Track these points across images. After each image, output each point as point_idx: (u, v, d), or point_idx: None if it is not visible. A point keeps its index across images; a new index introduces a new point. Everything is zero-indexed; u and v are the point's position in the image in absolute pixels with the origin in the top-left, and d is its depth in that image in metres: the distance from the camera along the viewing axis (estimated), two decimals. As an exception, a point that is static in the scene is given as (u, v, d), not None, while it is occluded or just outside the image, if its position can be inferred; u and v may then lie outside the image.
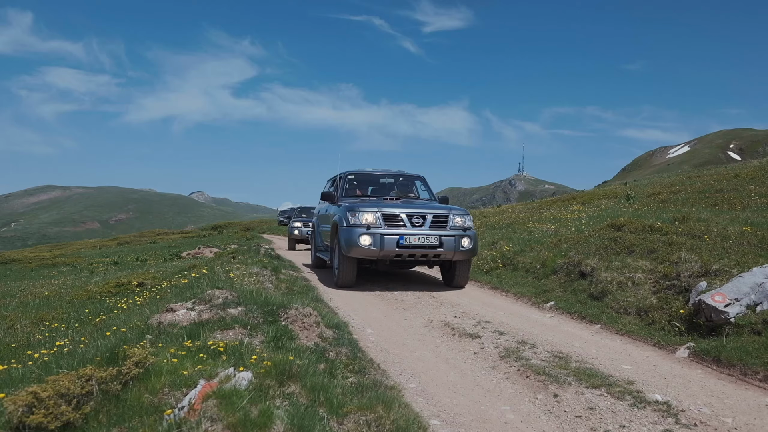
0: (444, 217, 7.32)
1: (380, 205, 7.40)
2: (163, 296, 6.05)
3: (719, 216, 8.63)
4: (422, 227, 7.13)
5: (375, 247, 6.90)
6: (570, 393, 3.34)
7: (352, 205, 7.46)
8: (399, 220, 7.12)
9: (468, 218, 7.50)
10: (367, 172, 9.50)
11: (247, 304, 3.85)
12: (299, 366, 2.72)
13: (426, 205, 7.89)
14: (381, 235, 6.92)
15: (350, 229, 7.05)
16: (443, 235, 7.11)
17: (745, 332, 4.24)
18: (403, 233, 7.02)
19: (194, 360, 2.75)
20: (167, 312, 3.77)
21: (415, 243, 7.01)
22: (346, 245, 7.05)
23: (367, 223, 7.01)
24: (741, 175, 14.96)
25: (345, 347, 3.75)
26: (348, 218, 7.14)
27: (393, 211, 7.19)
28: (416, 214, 7.21)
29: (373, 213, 7.11)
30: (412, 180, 9.56)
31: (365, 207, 7.27)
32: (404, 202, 7.93)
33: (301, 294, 6.09)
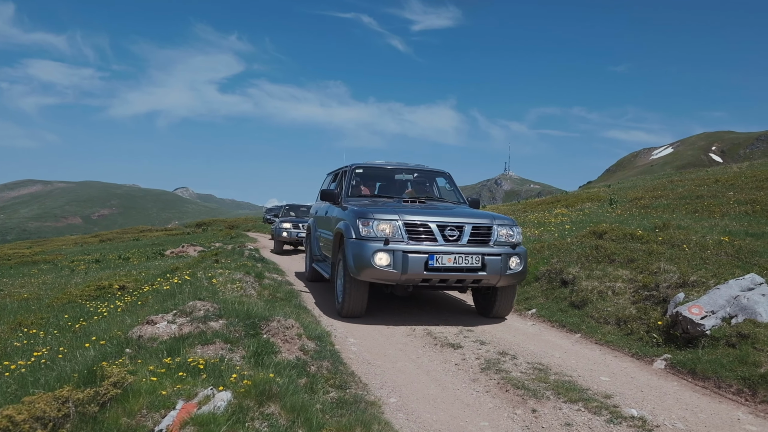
0: (486, 229, 5.61)
1: (401, 210, 5.60)
2: (144, 302, 6.00)
3: (699, 223, 8.78)
4: (458, 242, 5.40)
5: (395, 270, 5.18)
6: (548, 408, 3.39)
7: (364, 209, 5.68)
8: (427, 233, 5.39)
9: (517, 230, 5.78)
10: (379, 165, 7.65)
11: (229, 317, 3.85)
12: (279, 385, 2.73)
13: (459, 211, 6.06)
14: (403, 253, 5.19)
15: (361, 243, 5.35)
16: (486, 254, 5.40)
17: (720, 345, 4.32)
18: (433, 250, 5.26)
19: (173, 379, 2.74)
20: (147, 324, 3.75)
21: (449, 264, 5.25)
22: (355, 265, 5.34)
23: (383, 235, 5.31)
24: (721, 181, 15.21)
25: (327, 360, 3.75)
26: (358, 228, 5.45)
27: (420, 219, 5.43)
28: (450, 224, 5.47)
29: (392, 222, 5.36)
30: (433, 177, 7.78)
31: (381, 213, 5.46)
32: (429, 207, 6.16)
33: (285, 301, 6.08)
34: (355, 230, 5.52)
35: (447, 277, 5.31)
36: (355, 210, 5.78)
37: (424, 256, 5.24)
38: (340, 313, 5.91)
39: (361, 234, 5.42)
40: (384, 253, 5.22)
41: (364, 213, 5.57)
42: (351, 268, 5.41)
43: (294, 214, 18.65)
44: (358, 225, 5.48)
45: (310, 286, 8.41)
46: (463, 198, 7.30)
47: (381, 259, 5.22)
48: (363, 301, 5.70)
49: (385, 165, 7.70)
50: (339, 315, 5.92)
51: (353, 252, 5.40)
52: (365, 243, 5.33)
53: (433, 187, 7.70)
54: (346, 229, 5.73)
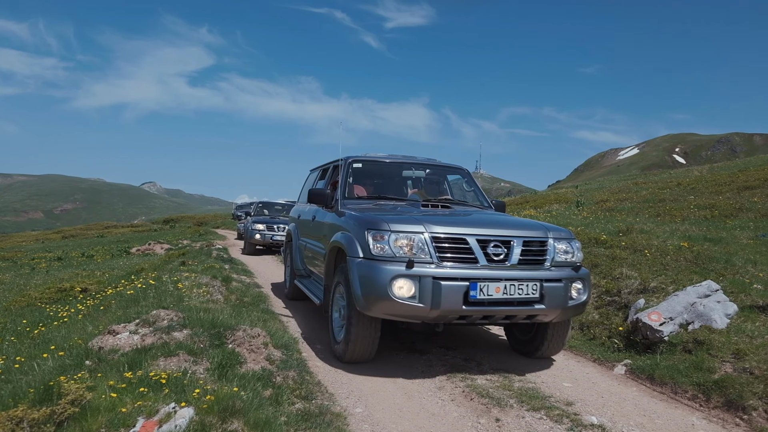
0: (540, 245, 4.24)
1: (426, 219, 4.18)
2: (107, 307, 5.87)
3: (661, 228, 9.04)
4: (505, 263, 4.02)
5: (422, 304, 3.76)
6: (511, 417, 3.44)
7: (374, 217, 4.28)
8: (464, 251, 3.98)
9: (576, 245, 4.42)
10: (381, 159, 6.06)
11: (194, 327, 3.79)
12: (243, 400, 2.70)
13: (499, 219, 4.64)
14: (434, 280, 3.78)
15: (373, 265, 3.90)
16: (545, 280, 4.05)
17: (677, 351, 4.47)
18: (474, 276, 3.86)
19: (134, 395, 2.69)
20: (109, 334, 3.67)
21: (497, 296, 3.87)
22: (364, 295, 3.89)
23: (404, 254, 3.90)
24: (683, 184, 15.69)
25: (293, 370, 3.73)
26: (367, 243, 4.02)
27: (454, 232, 4.03)
28: (495, 238, 4.07)
29: (415, 235, 3.96)
30: (448, 174, 6.35)
31: (401, 223, 4.05)
32: (457, 214, 4.87)
33: (253, 306, 6.02)
34: (362, 246, 4.06)
35: (492, 312, 3.92)
36: (362, 218, 4.34)
37: (463, 284, 3.79)
38: (338, 356, 4.44)
39: (372, 252, 3.95)
40: (406, 281, 3.77)
41: (376, 222, 4.08)
42: (358, 300, 3.94)
43: (267, 212, 17.24)
44: (367, 239, 4.01)
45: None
46: (488, 201, 5.87)
47: (402, 288, 3.77)
48: (372, 343, 4.23)
49: (390, 159, 6.08)
50: (337, 358, 4.47)
51: (361, 277, 3.92)
52: (379, 265, 3.85)
53: (445, 186, 6.22)
54: (348, 244, 4.25)
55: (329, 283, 4.97)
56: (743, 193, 11.93)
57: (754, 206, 10.17)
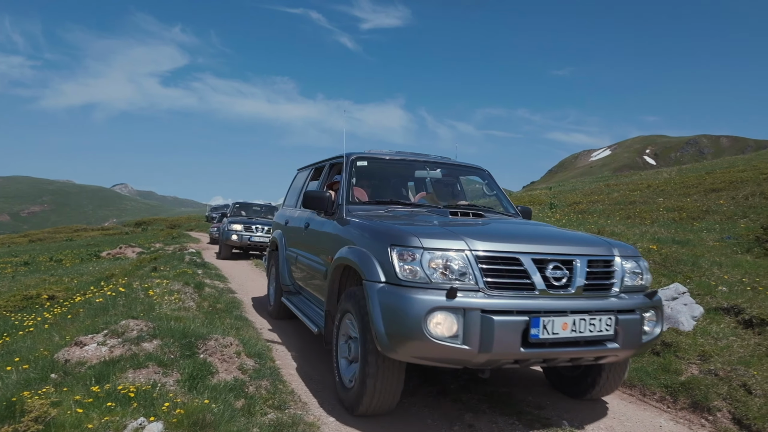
0: (606, 264, 3.41)
1: (466, 231, 3.38)
2: (75, 315, 5.73)
3: (631, 230, 9.24)
4: (569, 289, 3.19)
5: (468, 346, 2.92)
6: (484, 422, 3.47)
7: (400, 228, 3.36)
8: (518, 274, 3.14)
9: (644, 264, 3.60)
10: (391, 157, 5.11)
11: (164, 337, 3.73)
12: (214, 413, 2.67)
13: (551, 232, 3.86)
14: (483, 314, 2.93)
15: (402, 293, 3.00)
16: (620, 312, 3.24)
17: (646, 353, 4.56)
18: (534, 307, 3.04)
19: (101, 409, 2.64)
20: (76, 346, 3.58)
21: (564, 335, 3.05)
22: (389, 333, 3.01)
23: (442, 277, 3.04)
24: (652, 186, 16.05)
25: (266, 379, 3.70)
26: (392, 262, 3.12)
27: (505, 249, 3.18)
28: (554, 256, 3.24)
29: (455, 253, 3.10)
30: (466, 175, 5.50)
31: (436, 236, 3.20)
32: (493, 224, 4.07)
33: (226, 312, 5.95)
34: (384, 267, 3.15)
35: (555, 355, 3.08)
36: (383, 230, 3.43)
37: (522, 319, 2.94)
38: (348, 407, 3.52)
39: (398, 275, 3.04)
40: (447, 315, 2.90)
41: (404, 236, 3.17)
42: (379, 338, 3.04)
43: (245, 213, 16.40)
44: (391, 258, 3.10)
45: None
46: (514, 207, 5.03)
47: (441, 325, 2.90)
48: (395, 393, 3.34)
49: (398, 156, 5.14)
50: (346, 409, 3.57)
51: (385, 309, 3.02)
52: (409, 294, 2.94)
53: (459, 189, 5.32)
54: (363, 264, 3.34)
55: (332, 309, 4.03)
56: (710, 196, 12.26)
57: (720, 209, 10.46)
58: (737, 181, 13.10)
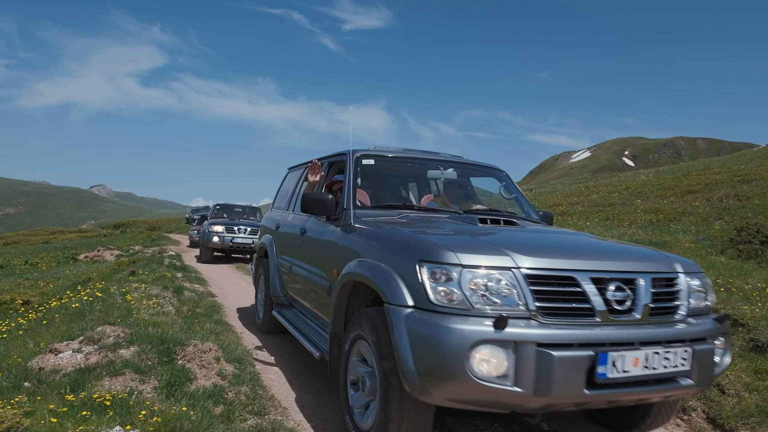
0: (668, 283, 2.86)
1: (510, 242, 2.84)
2: (50, 320, 5.63)
3: (609, 232, 9.37)
4: (633, 314, 2.63)
5: (521, 388, 2.34)
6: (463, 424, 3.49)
7: (429, 240, 2.81)
8: (574, 295, 2.56)
9: (707, 282, 3.07)
10: (400, 155, 4.58)
11: (141, 343, 3.68)
12: (192, 420, 2.64)
13: (603, 244, 3.32)
14: (539, 348, 2.35)
15: (437, 322, 2.42)
16: (694, 341, 2.73)
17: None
18: (599, 338, 2.47)
19: (76, 419, 2.59)
20: (50, 353, 3.52)
21: (636, 373, 2.49)
22: (422, 370, 2.43)
23: (485, 301, 2.46)
24: (631, 188, 16.30)
25: (245, 384, 3.67)
26: (422, 282, 2.55)
27: (559, 265, 2.60)
28: (614, 274, 2.67)
29: (501, 270, 2.52)
30: (481, 176, 4.85)
31: (476, 250, 2.61)
32: (531, 234, 3.48)
33: (205, 317, 5.88)
34: (411, 287, 2.59)
35: (620, 396, 2.55)
36: (407, 240, 2.90)
37: (587, 354, 2.39)
38: None
39: (431, 299, 2.49)
40: (495, 350, 2.36)
41: (436, 249, 2.60)
42: (408, 377, 2.48)
43: (227, 215, 15.94)
44: (421, 277, 2.55)
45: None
46: (536, 212, 4.46)
47: (488, 362, 2.36)
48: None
49: (408, 154, 4.61)
50: None
51: (416, 341, 2.47)
52: (446, 323, 2.39)
53: (472, 192, 4.66)
54: (383, 281, 2.76)
55: (338, 332, 3.47)
56: (686, 197, 12.49)
57: (696, 210, 10.67)
58: (712, 183, 13.38)
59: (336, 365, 3.47)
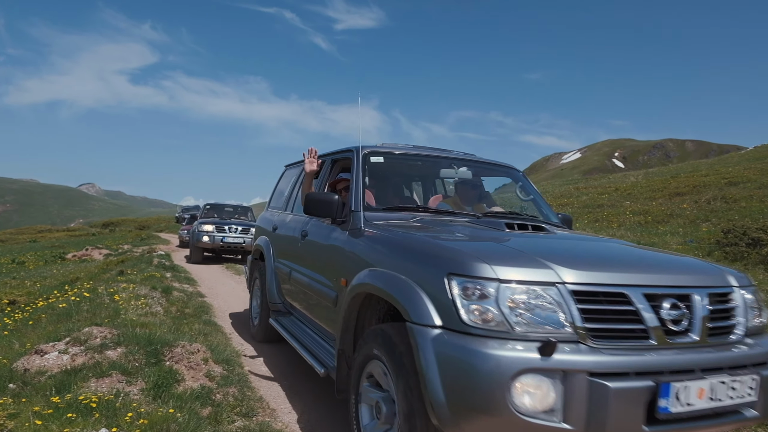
0: (723, 299, 2.49)
1: (550, 252, 2.48)
2: (37, 321, 5.58)
3: (599, 234, 9.43)
4: (689, 336, 2.27)
5: (572, 425, 2.00)
6: None
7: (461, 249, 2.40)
8: (625, 315, 2.20)
9: (760, 296, 2.73)
10: (411, 152, 4.25)
11: (129, 344, 3.65)
12: (179, 423, 2.63)
13: (648, 254, 3.00)
14: (591, 378, 2.01)
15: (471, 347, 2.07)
16: (759, 365, 2.34)
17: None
18: (658, 365, 2.12)
19: (61, 421, 2.57)
20: (36, 354, 3.49)
21: (701, 406, 2.13)
22: (453, 402, 2.09)
23: (526, 322, 2.10)
24: (620, 190, 16.42)
25: (234, 386, 3.65)
26: (452, 298, 2.19)
27: (608, 279, 2.25)
28: (667, 289, 2.30)
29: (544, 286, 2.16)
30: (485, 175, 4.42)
31: (514, 261, 2.24)
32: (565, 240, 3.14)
33: (194, 317, 5.86)
34: (439, 303, 2.26)
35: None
36: (432, 248, 2.54)
37: (647, 386, 2.08)
38: None
39: (462, 317, 2.16)
40: (541, 380, 2.04)
41: (466, 259, 2.27)
42: (438, 408, 2.15)
43: (217, 215, 15.59)
44: (450, 292, 2.21)
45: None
46: (556, 216, 4.15)
47: (532, 395, 2.04)
48: None
49: (422, 152, 4.29)
50: None
51: (446, 368, 2.14)
52: (483, 349, 2.07)
53: (485, 192, 4.26)
54: (405, 296, 2.41)
55: (346, 349, 3.10)
56: (674, 199, 12.60)
57: (683, 212, 10.76)
58: (700, 185, 13.51)
59: (344, 385, 3.09)
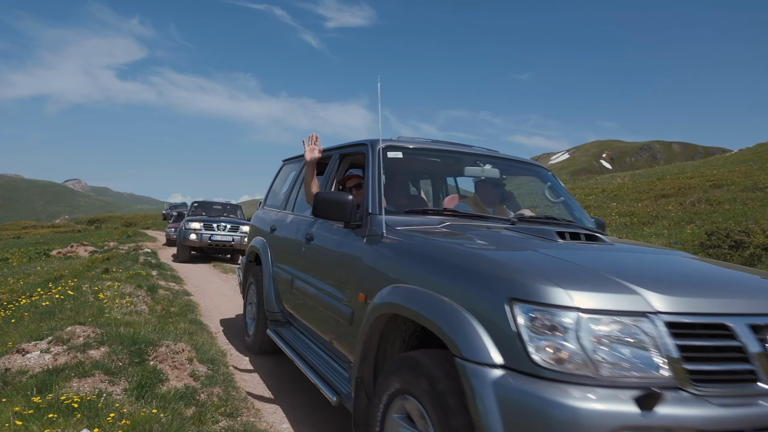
0: None
1: (630, 271, 1.94)
2: (19, 319, 5.52)
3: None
4: None
5: None
6: None
7: (523, 268, 1.86)
8: (728, 352, 1.68)
9: None
10: (433, 147, 3.73)
11: (112, 344, 3.62)
12: (162, 423, 2.62)
13: (724, 272, 2.32)
14: None
15: (552, 400, 1.53)
16: None
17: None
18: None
19: (42, 421, 2.55)
20: (17, 353, 3.45)
21: None
22: None
23: (621, 366, 1.59)
24: (607, 191, 16.54)
25: (218, 386, 3.64)
26: (516, 330, 1.68)
27: (708, 307, 1.74)
28: None
29: (634, 318, 1.65)
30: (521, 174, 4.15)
31: (598, 284, 1.73)
32: (631, 253, 2.50)
33: (180, 316, 5.82)
34: (498, 336, 1.74)
35: None
36: (483, 264, 2.01)
37: None
38: None
39: (532, 356, 1.64)
40: None
41: (533, 280, 1.75)
42: None
43: (205, 213, 15.21)
44: (514, 323, 1.69)
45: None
46: (589, 219, 3.66)
47: None
48: None
49: (444, 147, 3.75)
50: None
51: (514, 421, 1.60)
52: (564, 400, 1.52)
53: (509, 193, 3.83)
54: (452, 325, 1.88)
55: (365, 377, 2.58)
56: (660, 201, 12.73)
57: (669, 214, 10.88)
58: (685, 187, 13.65)
59: (362, 419, 2.58)
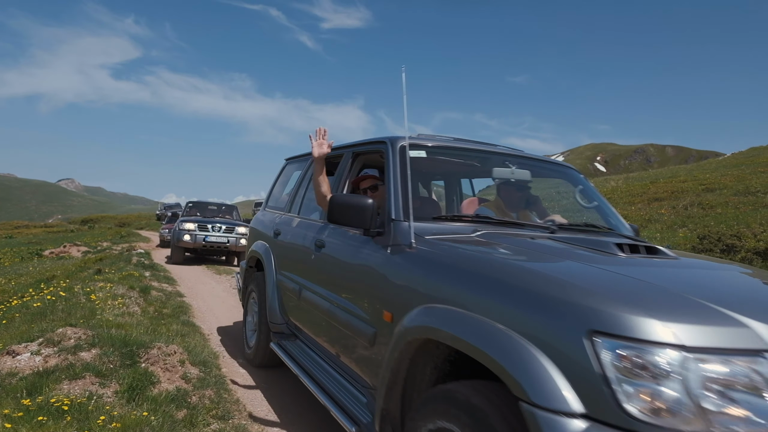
0: None
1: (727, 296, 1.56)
2: (10, 320, 5.48)
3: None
4: None
5: None
6: None
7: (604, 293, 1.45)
8: None
9: None
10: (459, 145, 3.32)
11: (104, 346, 3.61)
12: (152, 426, 2.61)
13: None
14: None
15: None
16: None
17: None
18: None
19: (32, 424, 2.53)
20: (8, 355, 3.43)
21: None
22: None
23: (737, 418, 1.21)
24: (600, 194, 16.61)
25: (210, 388, 3.63)
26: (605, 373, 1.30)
27: None
28: None
29: (753, 355, 1.30)
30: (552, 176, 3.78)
31: (701, 316, 1.37)
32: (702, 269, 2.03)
33: (172, 317, 5.79)
34: (576, 376, 1.36)
35: None
36: (549, 284, 1.58)
37: None
38: None
39: (623, 405, 1.27)
40: None
41: (619, 309, 1.37)
42: None
43: (200, 214, 14.97)
44: (598, 363, 1.32)
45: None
46: (625, 225, 3.27)
47: None
48: None
49: (472, 146, 3.37)
50: None
51: None
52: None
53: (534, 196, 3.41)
54: (513, 361, 1.49)
55: (392, 409, 2.21)
56: (653, 205, 12.78)
57: (662, 218, 10.93)
58: (678, 191, 13.72)
59: None
